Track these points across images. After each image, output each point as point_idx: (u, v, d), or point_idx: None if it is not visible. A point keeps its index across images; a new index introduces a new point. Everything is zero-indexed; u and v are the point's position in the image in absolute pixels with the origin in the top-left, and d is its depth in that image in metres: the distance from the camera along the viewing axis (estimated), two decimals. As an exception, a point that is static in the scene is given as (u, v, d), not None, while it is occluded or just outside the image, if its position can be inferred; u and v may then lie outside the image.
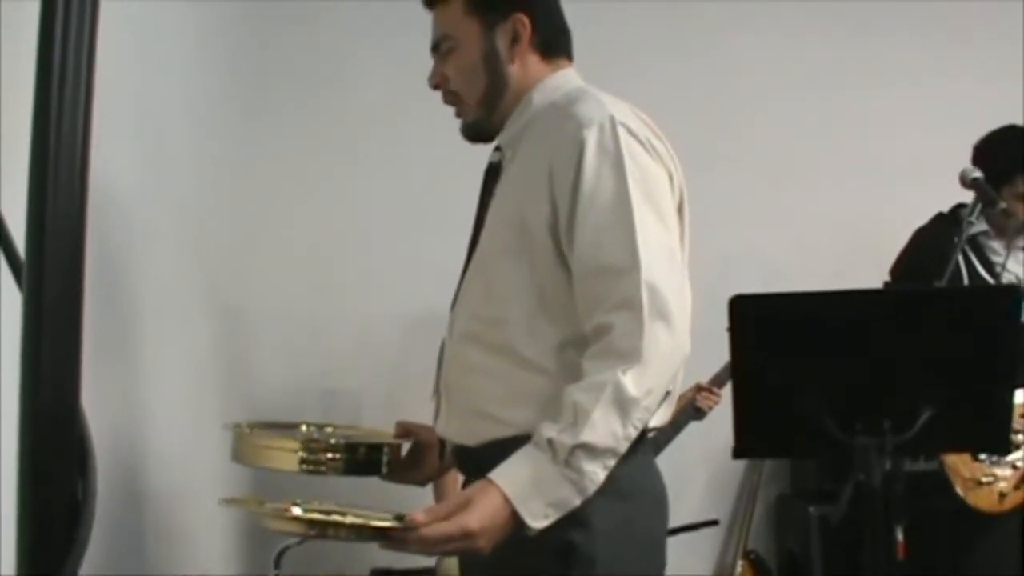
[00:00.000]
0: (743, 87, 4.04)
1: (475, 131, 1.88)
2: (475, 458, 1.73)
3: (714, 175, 3.65)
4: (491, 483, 1.53)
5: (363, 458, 1.92)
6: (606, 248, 1.61)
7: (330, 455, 1.88)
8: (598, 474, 1.54)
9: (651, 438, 1.78)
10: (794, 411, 2.12)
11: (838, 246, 4.00)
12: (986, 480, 3.01)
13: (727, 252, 3.85)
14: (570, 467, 1.52)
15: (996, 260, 3.22)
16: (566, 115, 1.71)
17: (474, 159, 1.93)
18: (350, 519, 1.55)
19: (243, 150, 3.42)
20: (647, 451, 1.77)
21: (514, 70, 1.82)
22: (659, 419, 1.71)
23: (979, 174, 3.03)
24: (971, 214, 3.04)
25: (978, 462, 3.02)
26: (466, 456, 1.80)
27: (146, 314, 2.27)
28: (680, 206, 1.76)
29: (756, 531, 3.94)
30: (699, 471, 3.91)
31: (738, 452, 2.24)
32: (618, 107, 1.71)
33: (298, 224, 3.73)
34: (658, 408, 1.63)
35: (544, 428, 1.55)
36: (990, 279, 3.17)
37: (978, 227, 3.14)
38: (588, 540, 1.63)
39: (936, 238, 3.26)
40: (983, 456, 3.00)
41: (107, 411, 1.89)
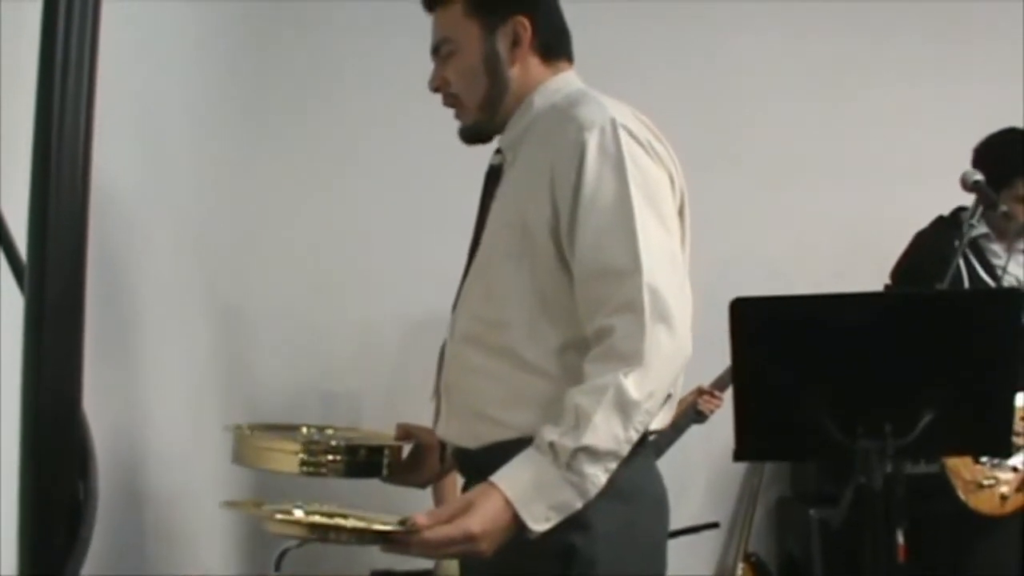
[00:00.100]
0: (743, 88, 4.04)
1: (473, 133, 1.88)
2: (475, 461, 1.72)
3: (714, 176, 3.65)
4: (493, 486, 1.53)
5: (363, 460, 1.92)
6: (607, 251, 1.61)
7: (330, 457, 1.87)
8: (599, 477, 1.54)
9: (652, 441, 1.78)
10: (795, 414, 2.12)
11: (838, 247, 4.00)
12: (987, 483, 3.01)
13: (728, 254, 3.85)
14: (572, 470, 1.52)
15: (997, 263, 3.22)
16: (567, 118, 1.71)
17: (475, 160, 1.93)
18: (352, 522, 1.55)
19: (243, 150, 3.42)
20: (648, 454, 1.76)
21: (515, 72, 1.82)
22: (660, 422, 1.70)
23: (980, 177, 3.03)
24: (972, 217, 3.04)
25: (979, 465, 3.02)
26: (466, 458, 1.80)
27: (146, 315, 2.27)
28: (681, 208, 1.76)
29: (757, 534, 3.93)
30: (700, 474, 3.91)
31: (739, 455, 2.24)
32: (619, 109, 1.71)
33: (298, 225, 3.73)
34: (659, 411, 1.63)
35: (545, 431, 1.55)
36: (991, 282, 3.17)
37: (979, 230, 3.14)
38: (589, 542, 1.62)
39: (936, 241, 3.25)
40: (984, 459, 3.00)
41: (108, 412, 1.89)
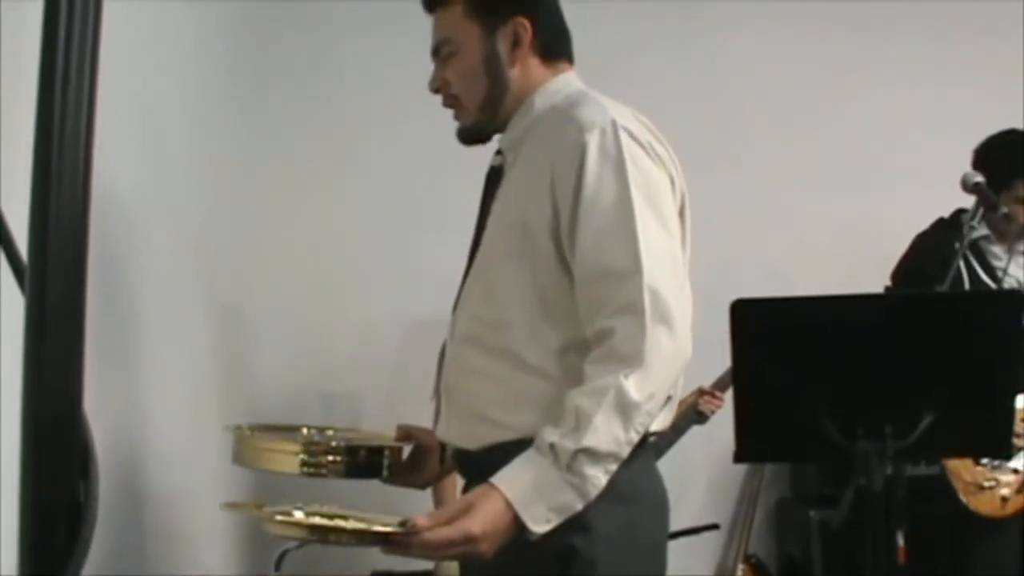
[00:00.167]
0: (743, 88, 4.04)
1: (472, 134, 1.88)
2: (475, 462, 1.72)
3: (715, 177, 3.65)
4: (493, 487, 1.53)
5: (364, 461, 1.92)
6: (608, 252, 1.61)
7: (331, 458, 1.87)
8: (600, 479, 1.54)
9: (652, 442, 1.78)
10: (795, 415, 2.12)
11: (839, 248, 3.99)
12: (988, 484, 3.00)
13: (728, 254, 3.85)
14: (572, 472, 1.52)
15: (997, 265, 3.22)
16: (568, 119, 1.71)
17: (475, 161, 1.93)
18: (352, 524, 1.55)
19: (243, 150, 3.42)
20: (648, 455, 1.76)
21: (515, 73, 1.81)
22: (660, 423, 1.70)
23: (981, 179, 3.03)
24: (972, 219, 3.04)
25: (980, 467, 3.02)
26: (466, 460, 1.80)
27: (146, 315, 2.26)
28: (681, 210, 1.76)
29: (757, 535, 3.93)
30: (700, 475, 3.91)
31: (739, 456, 2.24)
32: (619, 111, 1.71)
33: (298, 225, 3.73)
34: (660, 412, 1.63)
35: (546, 433, 1.55)
36: (991, 284, 3.17)
37: (979, 231, 3.14)
38: (589, 544, 1.62)
39: (937, 243, 3.26)
40: (984, 461, 3.00)
41: (108, 412, 1.89)
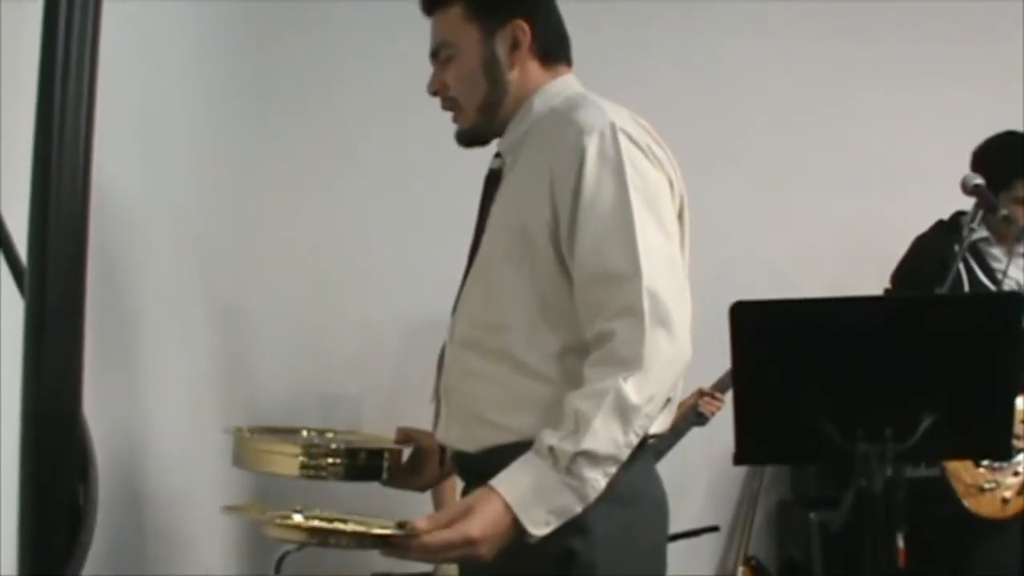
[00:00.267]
0: (744, 90, 4.04)
1: (470, 137, 1.88)
2: (475, 464, 1.72)
3: (715, 178, 3.65)
4: (492, 490, 1.53)
5: (363, 463, 1.92)
6: (607, 255, 1.61)
7: (330, 460, 1.87)
8: (599, 481, 1.54)
9: (652, 444, 1.78)
10: (795, 417, 2.12)
11: (839, 249, 4.00)
12: (988, 486, 3.00)
13: (728, 256, 3.85)
14: (571, 475, 1.52)
15: (997, 267, 3.22)
16: (567, 122, 1.71)
17: (476, 161, 1.93)
18: (351, 527, 1.54)
19: (243, 151, 3.42)
20: (648, 458, 1.76)
21: (514, 76, 1.81)
22: (659, 426, 1.70)
23: (980, 180, 3.03)
24: (972, 221, 3.04)
25: (980, 468, 3.02)
26: (466, 462, 1.80)
27: (146, 316, 2.26)
28: (680, 212, 1.76)
29: (757, 537, 3.93)
30: (700, 477, 3.90)
31: (739, 458, 2.24)
32: (618, 113, 1.71)
33: (298, 225, 3.73)
34: (659, 415, 1.63)
35: (545, 435, 1.55)
36: (991, 286, 3.17)
37: (978, 234, 3.14)
38: (588, 547, 1.62)
39: (936, 245, 3.26)
40: (984, 462, 3.00)
41: (108, 413, 1.89)
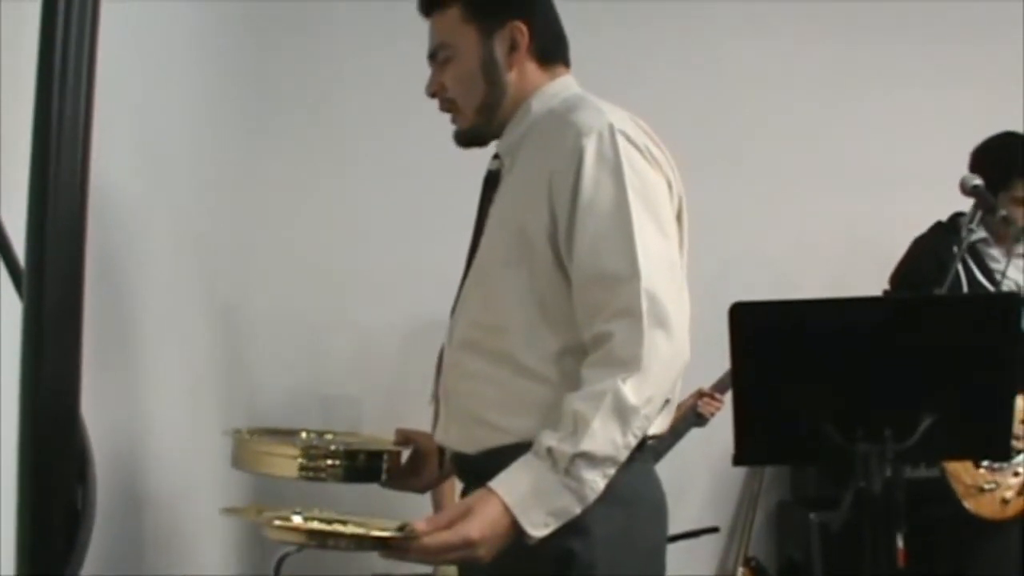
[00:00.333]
0: (744, 91, 4.03)
1: (469, 138, 1.88)
2: (474, 466, 1.72)
3: (715, 179, 3.66)
4: (491, 492, 1.53)
5: (362, 465, 1.92)
6: (605, 256, 1.61)
7: (330, 462, 1.87)
8: (598, 483, 1.54)
9: (651, 445, 1.78)
10: (795, 418, 2.12)
11: (839, 250, 4.00)
12: (988, 487, 3.00)
13: (728, 257, 3.85)
14: (570, 476, 1.52)
15: (996, 268, 3.22)
16: (565, 123, 1.70)
17: (476, 162, 1.93)
18: (350, 529, 1.55)
19: (243, 151, 3.42)
20: (646, 458, 1.76)
21: (512, 77, 1.81)
22: (658, 427, 1.70)
23: (980, 181, 3.03)
24: (971, 221, 3.04)
25: (980, 469, 3.01)
26: (465, 464, 1.80)
27: (146, 318, 2.26)
28: (679, 214, 1.76)
29: (757, 538, 3.93)
30: (700, 478, 3.90)
31: (739, 459, 2.24)
32: (616, 114, 1.71)
33: (298, 226, 3.73)
34: (657, 416, 1.63)
35: (544, 437, 1.55)
36: (990, 287, 3.16)
37: (977, 234, 3.14)
38: (587, 548, 1.62)
39: (935, 247, 3.26)
40: (985, 463, 3.00)
41: (107, 414, 1.89)
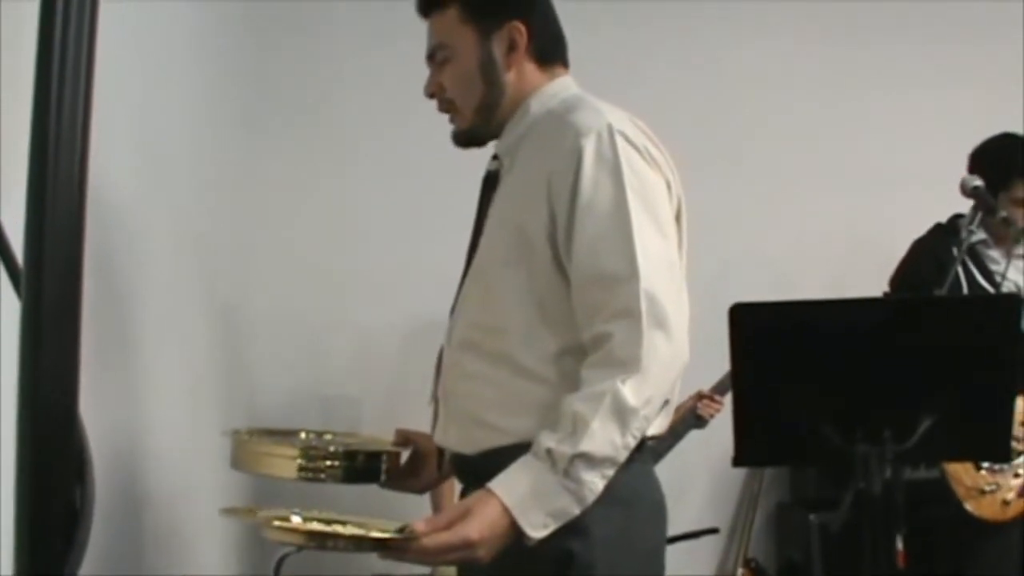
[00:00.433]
0: (744, 91, 4.03)
1: (468, 138, 1.87)
2: (473, 466, 1.72)
3: (715, 179, 3.66)
4: (490, 493, 1.53)
5: (362, 466, 1.92)
6: (604, 256, 1.61)
7: (329, 463, 1.87)
8: (597, 483, 1.54)
9: (651, 446, 1.78)
10: (794, 419, 2.12)
11: (839, 251, 4.00)
12: (989, 488, 3.00)
13: (728, 257, 3.85)
14: (569, 477, 1.52)
15: (995, 269, 3.22)
16: (564, 123, 1.70)
17: (476, 163, 1.92)
18: (349, 530, 1.55)
19: (243, 151, 3.41)
20: (646, 459, 1.76)
21: (510, 78, 1.81)
22: (657, 427, 1.70)
23: (980, 182, 3.03)
24: (971, 223, 3.03)
25: (980, 470, 3.01)
26: (464, 464, 1.80)
27: (145, 319, 2.26)
28: (678, 214, 1.76)
29: (756, 539, 3.93)
30: (699, 479, 3.90)
31: (738, 460, 2.24)
32: (615, 115, 1.71)
33: (298, 226, 3.72)
34: (657, 417, 1.63)
35: (543, 438, 1.55)
36: (990, 288, 3.16)
37: (977, 236, 3.14)
38: (587, 548, 1.62)
39: (934, 248, 3.26)
40: (985, 464, 2.99)
41: (107, 414, 1.89)
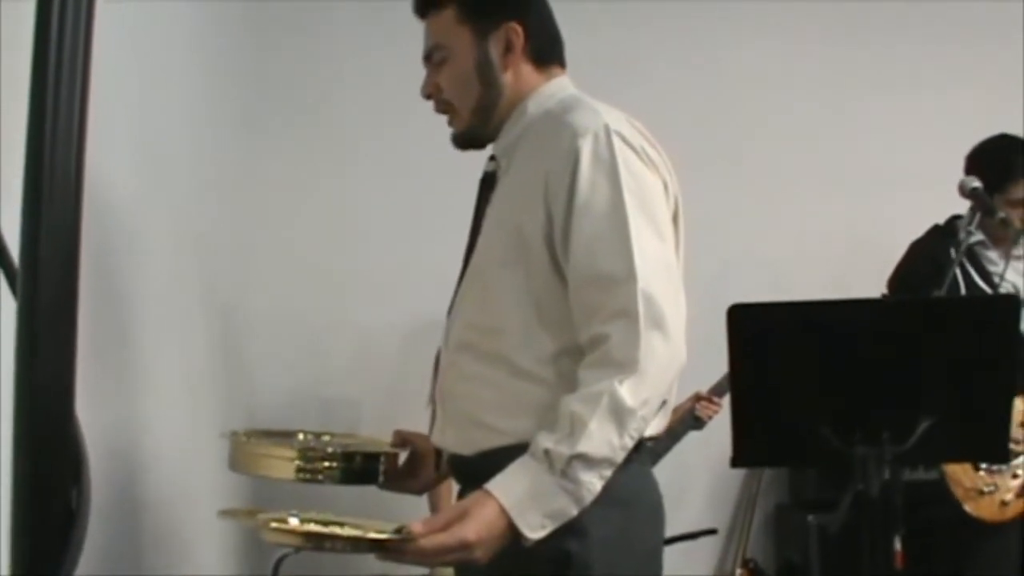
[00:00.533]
0: (743, 92, 4.03)
1: (466, 140, 1.87)
2: (471, 467, 1.72)
3: (715, 179, 3.66)
4: (488, 494, 1.52)
5: (359, 467, 1.92)
6: (602, 257, 1.61)
7: (326, 464, 1.87)
8: (595, 484, 1.54)
9: (649, 447, 1.77)
10: (793, 420, 2.12)
11: (839, 251, 3.99)
12: (988, 489, 3.00)
13: (727, 258, 3.85)
14: (567, 478, 1.52)
15: (993, 270, 3.22)
16: (561, 124, 1.70)
17: (476, 164, 1.92)
18: (347, 531, 1.55)
19: (243, 152, 3.42)
20: (643, 460, 1.76)
21: (508, 79, 1.81)
22: (655, 428, 1.70)
23: (978, 184, 3.03)
24: (969, 224, 3.03)
25: (979, 471, 3.01)
26: (462, 465, 1.79)
27: (145, 318, 2.26)
28: (675, 215, 1.76)
29: (755, 540, 3.93)
30: (698, 480, 3.90)
31: (737, 461, 2.24)
32: (612, 115, 1.70)
33: (298, 226, 3.72)
34: (654, 418, 1.63)
35: (541, 438, 1.55)
36: (988, 289, 3.16)
37: (975, 237, 3.14)
38: (584, 549, 1.62)
39: (932, 250, 3.26)
40: (983, 465, 2.99)
41: (106, 415, 1.89)
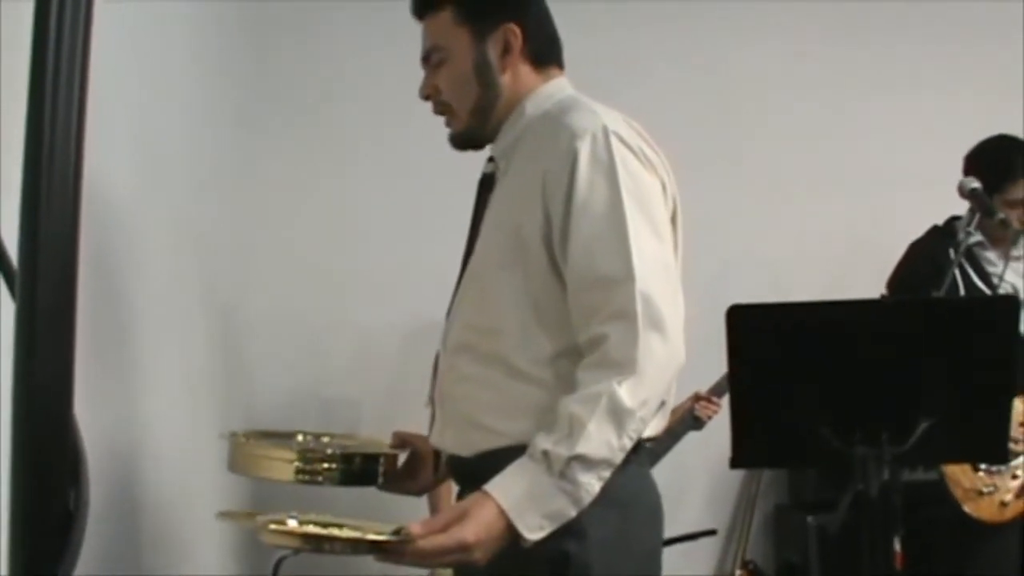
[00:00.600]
0: (743, 93, 4.03)
1: (464, 140, 1.87)
2: (469, 469, 1.72)
3: (715, 180, 3.66)
4: (487, 495, 1.53)
5: (359, 468, 1.92)
6: (600, 258, 1.61)
7: (326, 465, 1.87)
8: (593, 485, 1.54)
9: (648, 448, 1.77)
10: (792, 421, 2.12)
11: (838, 252, 3.99)
12: (987, 490, 3.00)
13: (727, 258, 3.85)
14: (565, 479, 1.52)
15: (992, 271, 3.21)
16: (559, 125, 1.70)
17: (476, 164, 1.92)
18: (346, 532, 1.55)
19: (243, 152, 3.42)
20: (642, 461, 1.76)
21: (506, 80, 1.81)
22: (654, 429, 1.70)
23: (977, 184, 3.03)
24: (968, 224, 3.03)
25: (979, 472, 3.01)
26: (460, 467, 1.79)
27: (145, 318, 2.26)
28: (673, 215, 1.76)
29: (754, 541, 3.93)
30: (697, 481, 3.90)
31: (736, 462, 2.24)
32: (610, 116, 1.71)
33: (298, 226, 3.72)
34: (653, 418, 1.63)
35: (539, 439, 1.55)
36: (987, 290, 3.16)
37: (974, 238, 3.14)
38: (583, 550, 1.62)
39: (931, 250, 3.26)
40: (983, 466, 2.99)
41: (105, 416, 1.89)
